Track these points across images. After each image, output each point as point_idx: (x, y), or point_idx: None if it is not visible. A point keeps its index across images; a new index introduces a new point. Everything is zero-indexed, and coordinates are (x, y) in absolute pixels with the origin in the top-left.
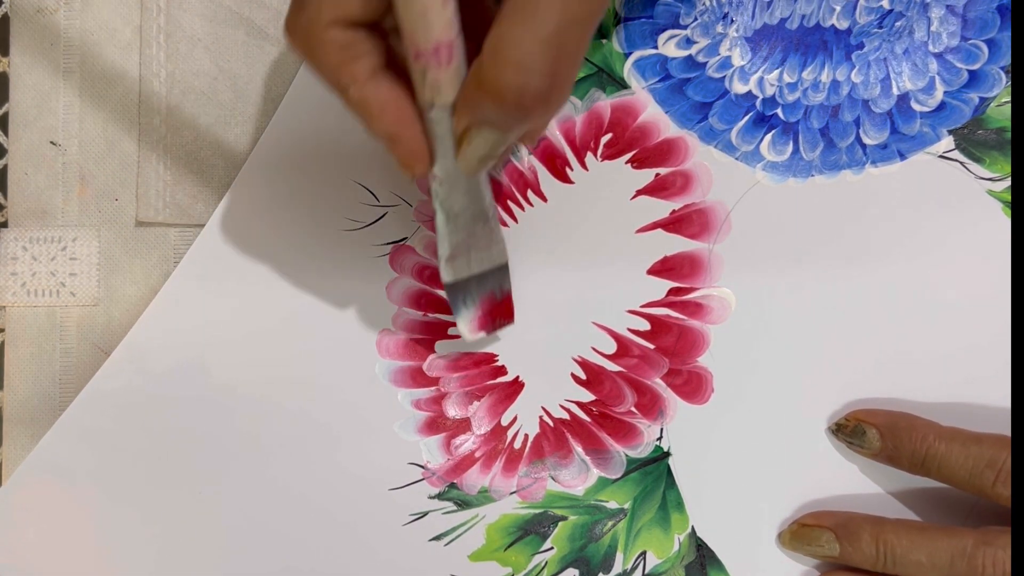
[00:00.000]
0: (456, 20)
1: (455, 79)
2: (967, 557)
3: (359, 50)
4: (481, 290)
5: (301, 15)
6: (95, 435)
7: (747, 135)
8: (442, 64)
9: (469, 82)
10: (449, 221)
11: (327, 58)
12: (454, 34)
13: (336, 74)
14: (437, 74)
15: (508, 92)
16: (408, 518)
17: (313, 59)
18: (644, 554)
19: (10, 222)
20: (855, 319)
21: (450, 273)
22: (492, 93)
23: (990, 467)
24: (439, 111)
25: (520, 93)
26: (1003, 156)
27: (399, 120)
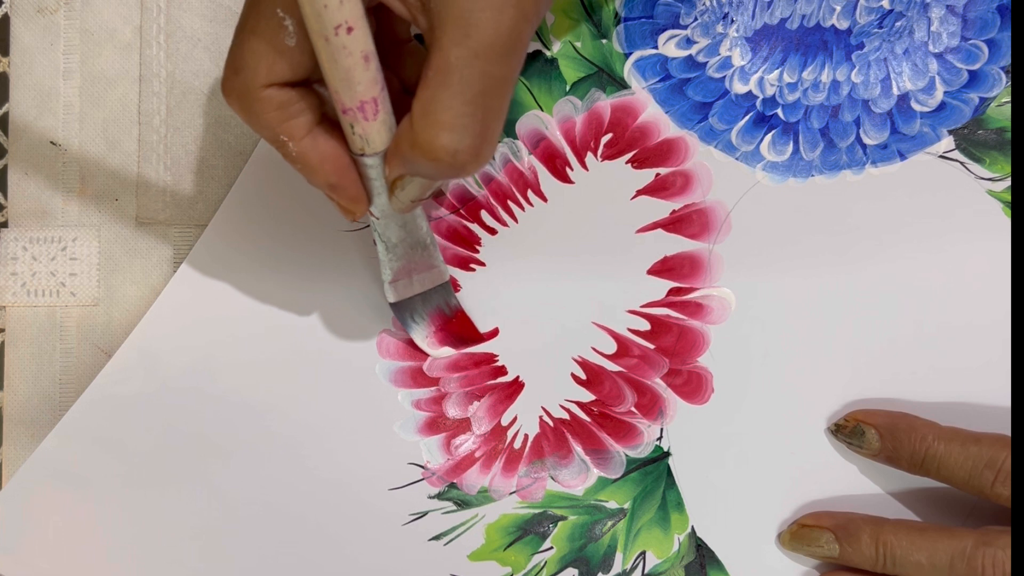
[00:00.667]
0: (379, 76)
1: (383, 129)
2: (967, 558)
3: (294, 109)
4: (427, 307)
5: (237, 78)
6: (96, 436)
7: (747, 135)
8: (368, 119)
9: (402, 141)
10: (388, 251)
11: (264, 117)
12: (378, 90)
13: (274, 132)
14: (365, 127)
15: (442, 152)
16: (408, 518)
17: (251, 118)
18: (644, 554)
19: (10, 222)
20: (855, 319)
21: (393, 294)
22: (426, 153)
23: (989, 467)
24: (371, 158)
25: (453, 153)
26: (1003, 156)
27: (337, 171)
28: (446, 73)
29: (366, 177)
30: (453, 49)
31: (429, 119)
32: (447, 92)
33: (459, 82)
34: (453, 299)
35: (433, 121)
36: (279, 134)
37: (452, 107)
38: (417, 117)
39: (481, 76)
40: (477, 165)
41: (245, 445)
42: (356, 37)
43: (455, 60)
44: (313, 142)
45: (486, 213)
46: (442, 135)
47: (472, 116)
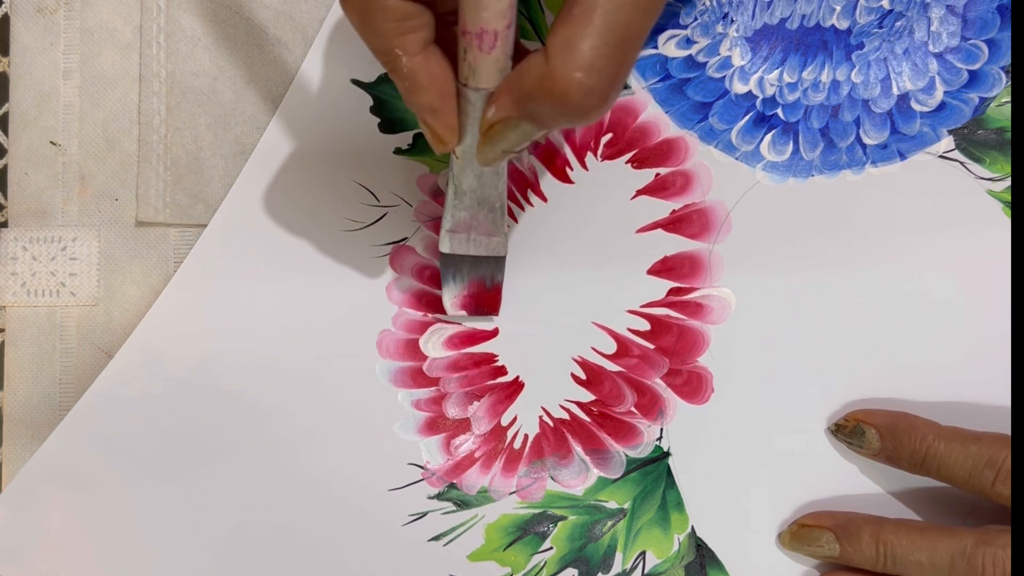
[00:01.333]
0: (510, 14)
1: (493, 67)
2: (967, 557)
3: (414, 23)
4: (473, 273)
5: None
6: (98, 437)
7: (747, 135)
8: (483, 49)
9: (528, 75)
10: (456, 196)
11: (383, 27)
12: (503, 25)
13: (389, 43)
14: (476, 57)
15: (575, 92)
16: (408, 518)
17: (368, 27)
18: (643, 554)
19: (10, 222)
20: (855, 319)
21: (447, 244)
22: (557, 92)
23: (989, 466)
24: (474, 92)
25: (587, 92)
26: (1003, 156)
27: (441, 94)
28: (593, 13)
29: (463, 112)
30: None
31: (569, 54)
32: (591, 29)
33: (605, 23)
34: (500, 274)
35: (573, 56)
36: (394, 47)
37: (595, 47)
38: (555, 51)
39: (627, 24)
40: (600, 112)
41: (245, 445)
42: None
43: (605, 2)
44: (425, 60)
45: None
46: (580, 73)
47: (612, 59)
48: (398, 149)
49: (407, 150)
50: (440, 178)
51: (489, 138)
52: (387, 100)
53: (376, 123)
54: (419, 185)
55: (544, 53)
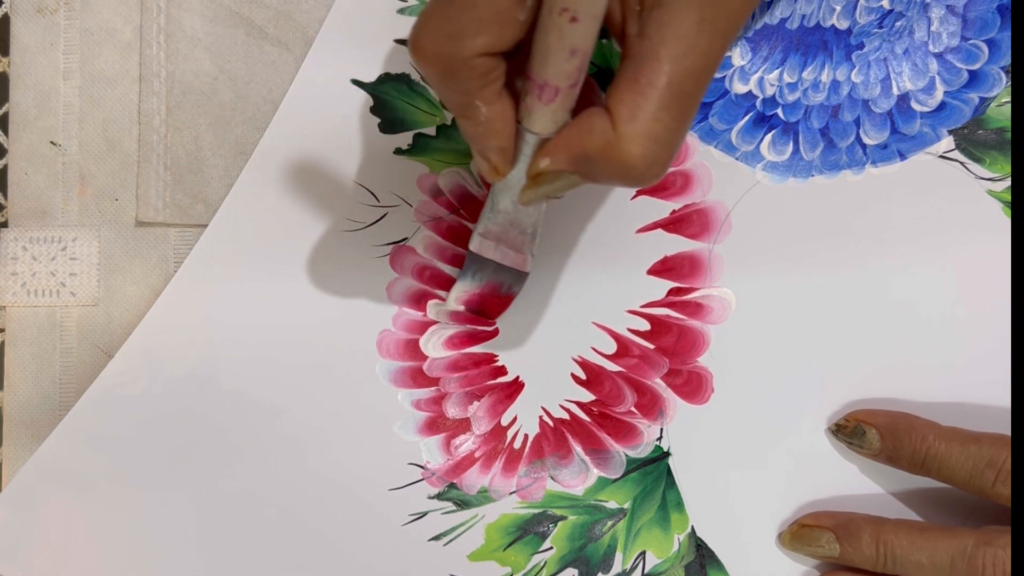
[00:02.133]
0: (576, 76)
1: (548, 118)
2: (967, 557)
3: (495, 75)
4: (494, 277)
5: (449, 44)
6: (98, 437)
7: (747, 135)
8: (542, 100)
9: (592, 140)
10: (492, 211)
11: (467, 84)
12: (567, 84)
13: (471, 97)
14: (533, 104)
15: (639, 163)
16: (408, 518)
17: (451, 83)
18: (643, 554)
19: (10, 222)
20: (855, 319)
21: (476, 244)
22: (620, 161)
23: (990, 467)
24: (528, 132)
25: (651, 164)
26: (1003, 156)
27: (512, 136)
28: (660, 85)
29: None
30: (671, 64)
31: (637, 125)
32: (659, 102)
33: (672, 95)
34: (518, 287)
35: (642, 128)
36: (476, 99)
37: (662, 119)
38: (623, 120)
39: (690, 96)
40: (659, 179)
41: (245, 445)
42: (576, 29)
43: (672, 74)
44: (502, 108)
45: None
46: (647, 144)
47: (677, 131)
48: (398, 149)
49: (407, 150)
50: (441, 178)
51: (535, 183)
52: (387, 100)
53: (376, 123)
54: (419, 185)
55: (609, 118)
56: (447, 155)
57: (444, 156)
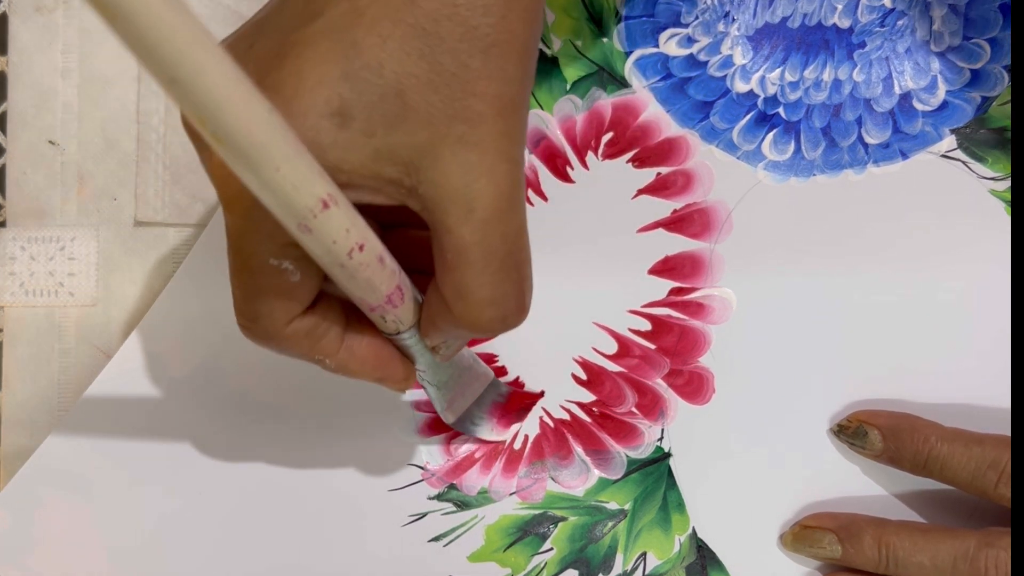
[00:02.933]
0: (394, 264)
1: (411, 306)
2: (969, 559)
3: (322, 329)
4: (482, 408)
5: (257, 327)
6: (96, 438)
7: (748, 134)
8: (397, 305)
9: (439, 320)
10: (439, 390)
11: (298, 350)
12: (399, 277)
13: (310, 358)
14: (396, 314)
15: (489, 324)
16: (407, 519)
17: (286, 353)
18: (644, 555)
19: (8, 222)
20: (856, 319)
21: (452, 416)
22: (476, 329)
23: (992, 468)
24: (407, 333)
25: (502, 320)
26: (1005, 155)
27: (380, 365)
28: (464, 252)
29: (405, 348)
30: (462, 227)
31: (467, 301)
32: (474, 270)
33: (482, 256)
34: (502, 387)
35: (473, 302)
36: (315, 357)
37: (486, 283)
38: (453, 301)
39: (501, 240)
40: (522, 318)
41: (245, 446)
42: (368, 250)
43: (469, 237)
44: (349, 352)
45: None
46: (486, 311)
47: (509, 281)
48: None
49: None
50: None
51: (439, 351)
52: None
53: None
54: None
55: (442, 300)
56: None
57: None
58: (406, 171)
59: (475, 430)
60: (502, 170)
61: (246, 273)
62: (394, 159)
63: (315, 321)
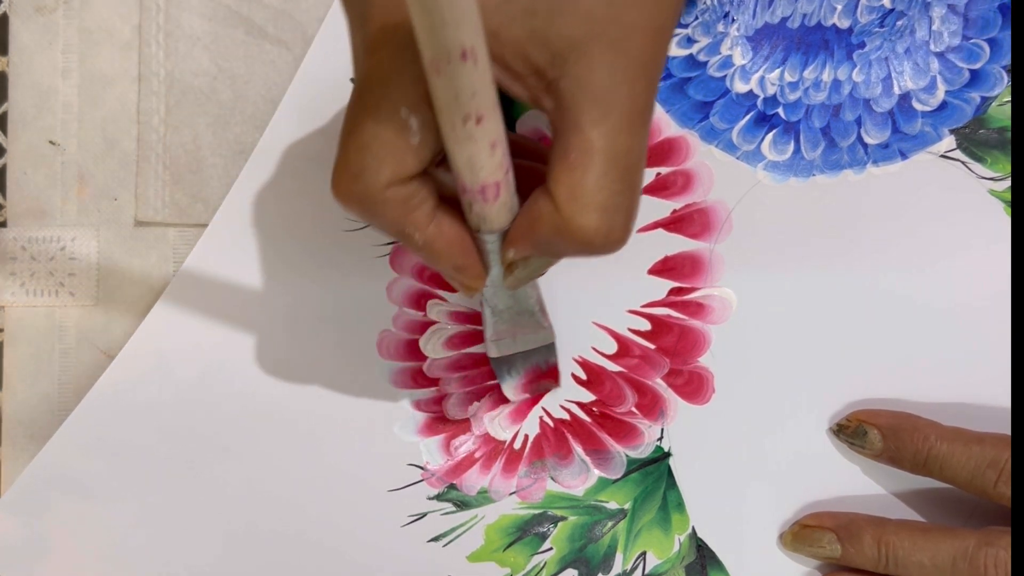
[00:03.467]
0: (505, 160)
1: (502, 211)
2: (969, 558)
3: (417, 200)
4: (526, 364)
5: (357, 184)
6: (99, 440)
7: (748, 134)
8: (488, 201)
9: (542, 225)
10: (494, 315)
11: (390, 216)
12: (502, 174)
13: (400, 227)
14: (483, 208)
15: (595, 235)
16: (407, 519)
17: (375, 219)
18: (644, 555)
19: (9, 222)
20: (856, 319)
21: (495, 350)
22: (576, 236)
23: (992, 467)
24: (490, 235)
25: (607, 233)
26: (1005, 156)
27: (462, 252)
28: (590, 154)
29: (483, 252)
30: (594, 129)
31: (580, 203)
32: (596, 173)
33: (606, 161)
34: (553, 356)
35: (585, 204)
36: (405, 228)
37: (604, 187)
38: (564, 201)
39: (627, 152)
40: (624, 243)
41: (245, 446)
42: (485, 127)
43: (598, 140)
44: (438, 229)
45: None
46: (596, 217)
47: (624, 194)
48: None
49: None
50: None
51: (512, 271)
52: None
53: None
54: None
55: (552, 201)
56: None
57: None
58: (552, 61)
59: (505, 379)
60: (642, 85)
61: (370, 120)
62: (547, 45)
63: (414, 190)
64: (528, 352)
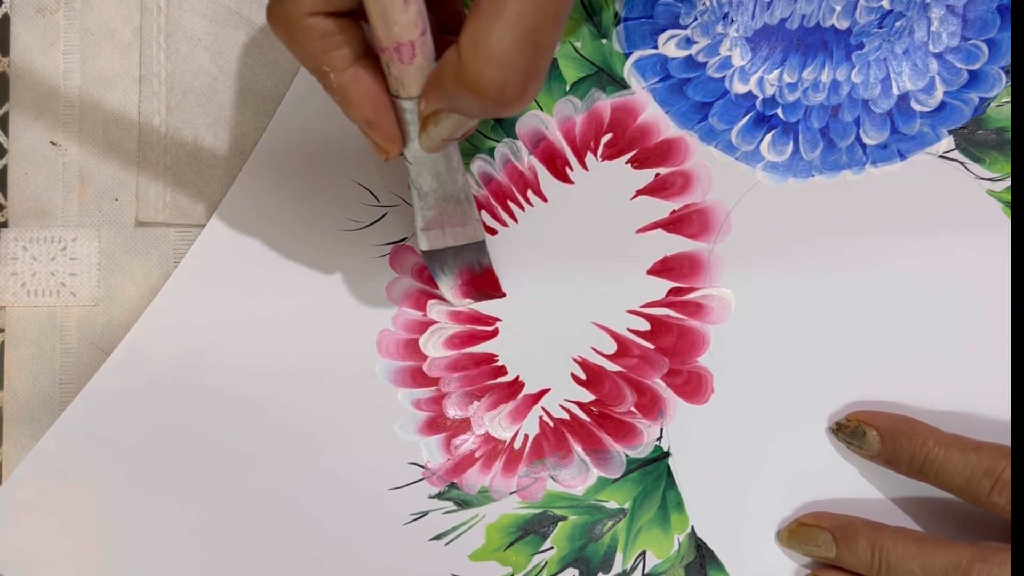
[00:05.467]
0: (420, 20)
1: (418, 75)
2: (962, 571)
3: (338, 40)
4: (458, 261)
5: (281, 6)
6: (95, 434)
7: (747, 135)
8: (404, 61)
9: (445, 73)
10: (420, 198)
11: (307, 45)
12: (417, 34)
13: (316, 61)
14: (400, 70)
15: (489, 87)
16: (408, 518)
17: (294, 46)
18: (644, 554)
19: (10, 222)
20: (855, 319)
21: (425, 242)
22: (472, 87)
23: (988, 476)
24: (407, 101)
25: (500, 88)
26: (1003, 156)
27: (375, 107)
28: (499, 5)
29: (402, 120)
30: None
31: (478, 51)
32: (499, 24)
33: (512, 14)
34: (485, 258)
35: (483, 53)
36: (321, 64)
37: (503, 40)
38: (465, 49)
39: (535, 11)
40: (522, 103)
41: (245, 445)
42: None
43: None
44: (354, 76)
45: (486, 213)
46: (491, 68)
47: (522, 51)
48: None
49: None
50: None
51: (426, 128)
52: None
53: None
54: None
55: (457, 49)
56: None
57: None
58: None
59: (440, 277)
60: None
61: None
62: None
63: (334, 28)
64: (459, 248)
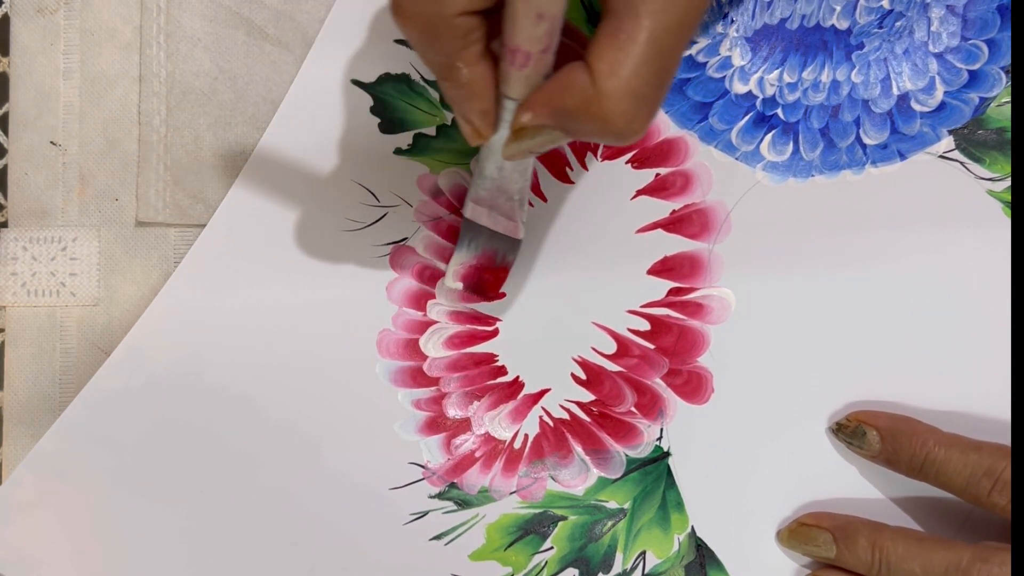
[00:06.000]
0: (546, 41)
1: (522, 83)
2: (962, 572)
3: (475, 36)
4: (488, 245)
5: (429, 4)
6: (95, 434)
7: (747, 135)
8: (515, 65)
9: (570, 97)
10: (480, 177)
11: (449, 44)
12: (538, 49)
13: (453, 57)
14: (508, 70)
15: (619, 119)
16: (408, 517)
17: (434, 43)
18: (644, 554)
19: (10, 222)
20: (855, 319)
21: (470, 211)
22: (600, 116)
23: (988, 476)
24: (506, 98)
25: (630, 120)
26: (1003, 156)
27: (492, 99)
28: (639, 42)
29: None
30: (651, 18)
31: (617, 81)
32: (640, 59)
33: (651, 51)
34: (512, 255)
35: (621, 84)
36: (457, 60)
37: (642, 75)
38: (603, 75)
39: (670, 51)
40: (640, 135)
41: (245, 445)
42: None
43: (652, 29)
44: (483, 70)
45: None
46: (627, 100)
47: (656, 88)
48: (398, 149)
49: (407, 150)
50: (441, 178)
51: (517, 137)
52: (387, 100)
53: (376, 123)
54: (419, 185)
55: (589, 73)
56: (447, 155)
57: (444, 156)
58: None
59: (463, 250)
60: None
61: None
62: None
63: (476, 23)
64: (495, 234)
